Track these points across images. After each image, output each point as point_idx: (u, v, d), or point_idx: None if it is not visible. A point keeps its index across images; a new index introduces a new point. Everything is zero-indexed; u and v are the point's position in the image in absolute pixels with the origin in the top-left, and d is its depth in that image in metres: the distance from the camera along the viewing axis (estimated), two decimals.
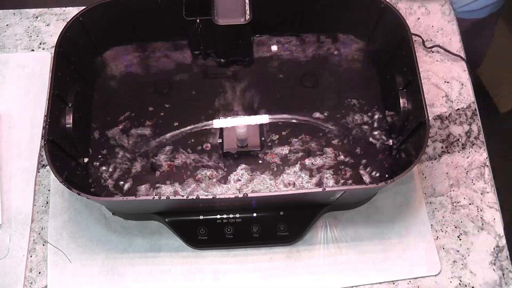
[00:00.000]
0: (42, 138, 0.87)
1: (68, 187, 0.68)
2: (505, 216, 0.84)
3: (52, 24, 0.97)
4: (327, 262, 0.79)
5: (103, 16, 0.82)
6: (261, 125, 0.84)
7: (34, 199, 0.83)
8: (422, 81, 0.74)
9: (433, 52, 0.94)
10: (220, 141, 0.83)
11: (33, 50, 0.95)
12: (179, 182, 0.80)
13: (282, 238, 0.78)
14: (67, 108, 0.77)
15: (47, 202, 0.83)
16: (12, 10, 0.99)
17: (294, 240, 0.79)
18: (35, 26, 0.97)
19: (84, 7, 0.80)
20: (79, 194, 0.68)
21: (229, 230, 0.78)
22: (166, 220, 0.78)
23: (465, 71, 0.93)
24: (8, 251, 0.80)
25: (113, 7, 0.82)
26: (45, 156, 0.70)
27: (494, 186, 0.85)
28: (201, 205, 0.77)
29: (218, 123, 0.84)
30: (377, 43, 0.87)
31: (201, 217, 0.79)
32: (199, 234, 0.78)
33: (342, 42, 0.90)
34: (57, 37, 0.77)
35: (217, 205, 0.78)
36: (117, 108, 0.86)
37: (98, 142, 0.83)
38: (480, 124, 0.89)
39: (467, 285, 0.78)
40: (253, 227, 0.78)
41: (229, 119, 0.84)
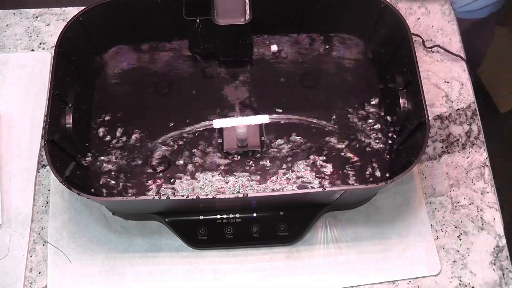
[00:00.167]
0: (42, 138, 0.87)
1: (68, 187, 0.68)
2: (505, 216, 0.84)
3: (52, 24, 0.97)
4: (327, 262, 0.79)
5: (103, 16, 0.82)
6: (261, 125, 0.84)
7: (34, 199, 0.83)
8: (422, 81, 0.74)
9: (433, 52, 0.94)
10: (220, 141, 0.83)
11: (33, 50, 0.95)
12: (179, 182, 0.80)
13: (282, 238, 0.78)
14: (67, 108, 0.77)
15: (47, 202, 0.83)
16: (12, 10, 0.99)
17: (294, 240, 0.79)
18: (35, 26, 0.97)
19: (84, 7, 0.80)
20: (79, 194, 0.68)
21: (229, 230, 0.78)
22: (166, 220, 0.78)
23: (465, 71, 0.93)
24: (8, 251, 0.80)
25: (113, 7, 0.82)
26: (45, 156, 0.70)
27: (494, 186, 0.85)
28: (201, 205, 0.77)
29: (218, 123, 0.84)
30: (377, 43, 0.87)
31: (201, 217, 0.79)
32: (199, 234, 0.78)
33: (342, 42, 0.90)
34: (57, 37, 0.77)
35: (217, 205, 0.78)
36: (117, 108, 0.86)
37: (98, 142, 0.83)
38: (480, 124, 0.89)
39: (467, 285, 0.78)
40: (253, 227, 0.78)
41: (229, 119, 0.84)
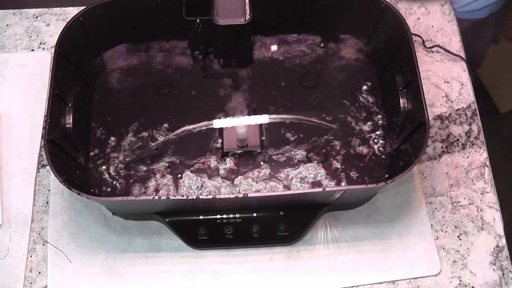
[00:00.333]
0: (42, 138, 0.87)
1: (68, 187, 0.68)
2: (505, 216, 0.84)
3: (52, 24, 0.97)
4: (327, 262, 0.79)
5: (103, 16, 0.82)
6: (261, 125, 0.84)
7: (34, 199, 0.83)
8: (422, 81, 0.74)
9: (433, 52, 0.94)
10: (220, 141, 0.83)
11: (33, 50, 0.95)
12: (179, 182, 0.80)
13: (282, 238, 0.78)
14: (67, 108, 0.77)
15: (47, 202, 0.83)
16: (12, 10, 0.99)
17: (294, 240, 0.79)
18: (35, 26, 0.97)
19: (84, 7, 0.80)
20: (79, 194, 0.68)
21: (229, 230, 0.78)
22: (166, 220, 0.78)
23: (465, 71, 0.93)
24: (8, 251, 0.80)
25: (113, 7, 0.82)
26: (45, 156, 0.70)
27: (494, 186, 0.85)
28: (201, 205, 0.77)
29: (218, 123, 0.84)
30: (377, 43, 0.87)
31: (201, 217, 0.79)
32: (199, 234, 0.78)
33: (342, 42, 0.90)
34: (57, 37, 0.77)
35: (217, 205, 0.78)
36: (117, 108, 0.86)
37: (98, 142, 0.83)
38: (480, 124, 0.89)
39: (467, 285, 0.78)
40: (253, 227, 0.78)
41: (229, 119, 0.84)
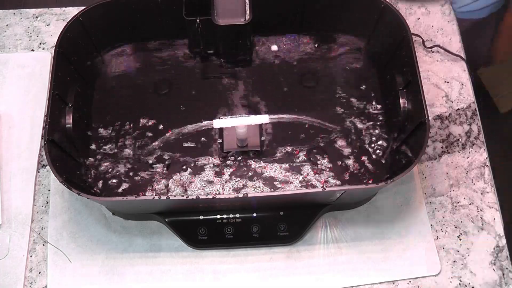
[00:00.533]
0: (42, 138, 0.87)
1: (68, 187, 0.68)
2: (505, 216, 0.84)
3: (52, 24, 0.97)
4: (327, 262, 0.79)
5: (103, 16, 0.82)
6: (261, 125, 0.84)
7: (34, 199, 0.83)
8: (422, 81, 0.74)
9: (433, 52, 0.94)
10: (220, 141, 0.83)
11: (33, 50, 0.95)
12: (179, 182, 0.80)
13: (282, 238, 0.78)
14: (67, 108, 0.77)
15: (47, 202, 0.83)
16: (12, 10, 0.99)
17: (294, 240, 0.79)
18: (35, 26, 0.97)
19: (84, 7, 0.80)
20: (79, 194, 0.68)
21: (229, 230, 0.78)
22: (166, 220, 0.78)
23: (465, 71, 0.93)
24: (8, 251, 0.80)
25: (113, 7, 0.82)
26: (45, 156, 0.70)
27: (494, 186, 0.85)
28: (201, 205, 0.77)
29: (218, 123, 0.84)
30: (377, 43, 0.87)
31: (201, 217, 0.79)
32: (199, 234, 0.78)
33: (342, 42, 0.90)
34: (57, 37, 0.77)
35: (217, 205, 0.78)
36: (117, 108, 0.86)
37: (98, 142, 0.83)
38: (480, 124, 0.89)
39: (467, 285, 0.78)
40: (253, 227, 0.78)
41: (229, 119, 0.84)
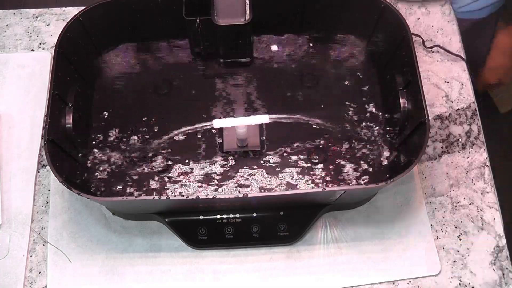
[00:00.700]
0: (42, 138, 0.87)
1: (68, 187, 0.68)
2: (505, 216, 0.84)
3: (52, 24, 0.97)
4: (327, 262, 0.79)
5: (103, 16, 0.82)
6: (261, 125, 0.84)
7: (34, 199, 0.83)
8: (422, 81, 0.74)
9: (433, 52, 0.94)
10: (220, 141, 0.83)
11: (33, 50, 0.95)
12: (179, 182, 0.80)
13: (282, 238, 0.78)
14: (67, 108, 0.77)
15: (47, 202, 0.83)
16: (12, 10, 0.99)
17: (294, 240, 0.79)
18: (35, 26, 0.97)
19: (84, 7, 0.80)
20: (79, 194, 0.68)
21: (229, 230, 0.78)
22: (166, 220, 0.78)
23: (465, 71, 0.93)
24: (8, 251, 0.80)
25: (113, 7, 0.82)
26: (45, 156, 0.70)
27: (494, 186, 0.85)
28: (201, 205, 0.77)
29: (218, 123, 0.84)
30: (377, 43, 0.87)
31: (201, 217, 0.79)
32: (199, 234, 0.78)
33: (342, 42, 0.90)
34: (57, 37, 0.77)
35: (217, 205, 0.78)
36: (117, 108, 0.86)
37: (98, 142, 0.83)
38: (480, 124, 0.89)
39: (467, 285, 0.78)
40: (253, 227, 0.78)
41: (229, 119, 0.84)
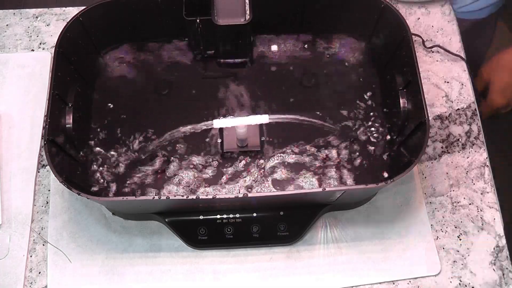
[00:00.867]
0: (42, 138, 0.87)
1: (68, 187, 0.68)
2: (505, 216, 0.84)
3: (52, 24, 0.97)
4: (327, 262, 0.79)
5: (103, 16, 0.82)
6: (261, 125, 0.84)
7: (34, 199, 0.83)
8: (422, 81, 0.74)
9: (433, 52, 0.94)
10: (220, 141, 0.83)
11: (33, 50, 0.95)
12: (179, 182, 0.80)
13: (282, 238, 0.78)
14: (67, 108, 0.77)
15: (47, 202, 0.83)
16: (12, 10, 0.99)
17: (294, 240, 0.79)
18: (35, 26, 0.97)
19: (84, 7, 0.80)
20: (79, 194, 0.68)
21: (229, 230, 0.78)
22: (166, 220, 0.78)
23: (465, 71, 0.93)
24: (8, 251, 0.80)
25: (113, 7, 0.82)
26: (45, 156, 0.70)
27: (494, 186, 0.85)
28: (201, 205, 0.77)
29: (218, 123, 0.84)
30: (377, 43, 0.87)
31: (201, 217, 0.79)
32: (199, 234, 0.78)
33: (342, 42, 0.90)
34: (57, 37, 0.77)
35: (217, 205, 0.78)
36: (117, 108, 0.86)
37: (98, 142, 0.83)
38: (480, 124, 0.89)
39: (467, 285, 0.78)
40: (253, 227, 0.78)
41: (229, 119, 0.84)
